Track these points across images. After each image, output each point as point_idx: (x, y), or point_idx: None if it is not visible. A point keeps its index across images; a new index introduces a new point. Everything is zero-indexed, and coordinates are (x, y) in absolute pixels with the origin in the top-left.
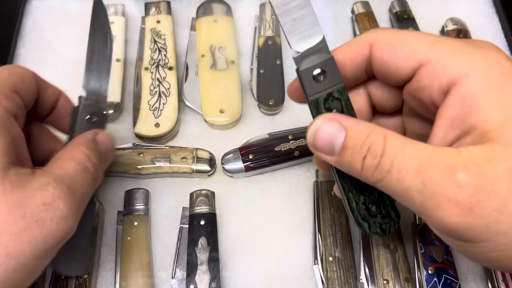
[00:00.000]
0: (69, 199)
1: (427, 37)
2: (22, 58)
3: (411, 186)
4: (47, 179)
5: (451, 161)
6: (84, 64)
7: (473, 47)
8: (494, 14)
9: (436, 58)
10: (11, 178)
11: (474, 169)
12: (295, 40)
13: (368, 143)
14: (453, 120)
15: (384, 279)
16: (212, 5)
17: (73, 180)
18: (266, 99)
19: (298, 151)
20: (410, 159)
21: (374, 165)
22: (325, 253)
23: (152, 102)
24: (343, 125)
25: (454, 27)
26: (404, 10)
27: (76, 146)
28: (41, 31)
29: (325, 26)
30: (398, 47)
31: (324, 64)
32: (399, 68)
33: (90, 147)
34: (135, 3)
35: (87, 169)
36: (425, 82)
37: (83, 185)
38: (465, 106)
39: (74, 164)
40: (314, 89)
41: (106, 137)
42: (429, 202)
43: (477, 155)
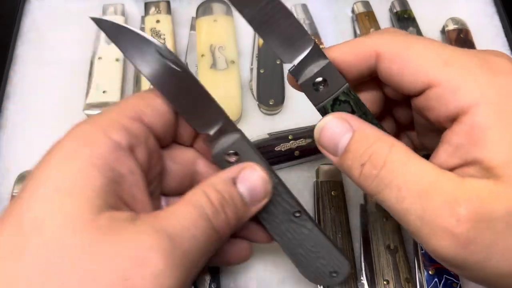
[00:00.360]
0: (168, 252)
1: (440, 52)
2: (21, 58)
3: (410, 209)
4: (144, 227)
5: (455, 191)
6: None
7: (487, 69)
8: (495, 14)
9: (446, 80)
10: (101, 224)
11: (476, 205)
12: (286, 55)
13: (371, 151)
14: (458, 148)
15: (384, 279)
16: (212, 5)
17: (181, 229)
18: (266, 99)
19: (298, 151)
20: (413, 180)
21: (372, 175)
22: None
23: None
24: (352, 126)
25: (455, 27)
26: (404, 10)
27: (202, 186)
28: (41, 30)
29: (325, 26)
30: (407, 62)
31: (323, 71)
32: (407, 85)
33: (219, 188)
34: (134, 2)
35: (205, 216)
36: (433, 103)
37: (194, 236)
38: (472, 137)
39: (189, 209)
40: (318, 98)
41: (256, 175)
42: (427, 229)
43: (480, 190)
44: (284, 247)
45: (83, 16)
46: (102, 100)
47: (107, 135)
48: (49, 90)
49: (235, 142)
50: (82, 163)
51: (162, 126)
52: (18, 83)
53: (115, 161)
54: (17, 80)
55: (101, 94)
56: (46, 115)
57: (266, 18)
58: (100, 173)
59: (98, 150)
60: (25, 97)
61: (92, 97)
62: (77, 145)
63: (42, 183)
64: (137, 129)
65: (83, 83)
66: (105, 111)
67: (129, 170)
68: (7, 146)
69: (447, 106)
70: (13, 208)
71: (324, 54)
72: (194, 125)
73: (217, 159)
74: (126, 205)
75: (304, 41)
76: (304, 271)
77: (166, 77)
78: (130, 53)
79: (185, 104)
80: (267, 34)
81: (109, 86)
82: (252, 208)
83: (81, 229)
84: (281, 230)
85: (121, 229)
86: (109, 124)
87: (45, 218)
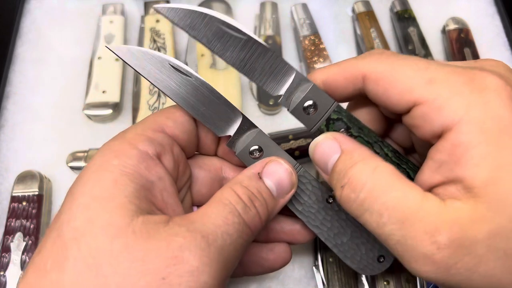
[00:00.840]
0: (201, 250)
1: (424, 71)
2: (21, 58)
3: (391, 234)
4: (179, 228)
5: (435, 218)
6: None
7: (472, 87)
8: (495, 13)
9: (431, 98)
10: (136, 228)
11: (456, 231)
12: (272, 87)
13: (350, 173)
14: (441, 165)
15: (385, 280)
16: (212, 4)
17: (213, 227)
18: (266, 99)
19: (299, 151)
20: (393, 206)
21: (351, 199)
22: (325, 254)
23: (152, 102)
24: (341, 147)
25: (455, 27)
26: (405, 10)
27: (229, 184)
28: (40, 30)
29: (326, 26)
30: (392, 82)
31: (309, 94)
32: (394, 105)
33: (245, 184)
34: (134, 2)
35: (235, 211)
36: (418, 121)
37: (227, 233)
38: (454, 155)
39: (220, 208)
40: (311, 121)
41: (280, 167)
42: (407, 254)
43: (461, 215)
44: (326, 239)
45: (83, 15)
46: (101, 100)
47: (134, 146)
48: (48, 90)
49: (256, 137)
50: (114, 173)
51: (184, 135)
52: (17, 83)
53: (144, 169)
54: (16, 80)
55: (100, 94)
56: (45, 115)
57: (246, 58)
58: (131, 181)
59: (128, 161)
60: (24, 97)
61: (91, 97)
62: (108, 158)
63: (80, 195)
64: (162, 139)
65: (83, 83)
66: (129, 128)
67: (157, 176)
68: (7, 146)
69: (432, 123)
70: (55, 221)
71: (307, 78)
72: (214, 129)
73: (242, 157)
74: (158, 209)
75: (286, 71)
76: (351, 262)
77: (182, 89)
78: (147, 72)
79: (203, 111)
80: (250, 72)
81: (109, 86)
82: (281, 200)
83: (118, 235)
84: (319, 220)
85: (155, 232)
86: (135, 137)
87: (84, 228)
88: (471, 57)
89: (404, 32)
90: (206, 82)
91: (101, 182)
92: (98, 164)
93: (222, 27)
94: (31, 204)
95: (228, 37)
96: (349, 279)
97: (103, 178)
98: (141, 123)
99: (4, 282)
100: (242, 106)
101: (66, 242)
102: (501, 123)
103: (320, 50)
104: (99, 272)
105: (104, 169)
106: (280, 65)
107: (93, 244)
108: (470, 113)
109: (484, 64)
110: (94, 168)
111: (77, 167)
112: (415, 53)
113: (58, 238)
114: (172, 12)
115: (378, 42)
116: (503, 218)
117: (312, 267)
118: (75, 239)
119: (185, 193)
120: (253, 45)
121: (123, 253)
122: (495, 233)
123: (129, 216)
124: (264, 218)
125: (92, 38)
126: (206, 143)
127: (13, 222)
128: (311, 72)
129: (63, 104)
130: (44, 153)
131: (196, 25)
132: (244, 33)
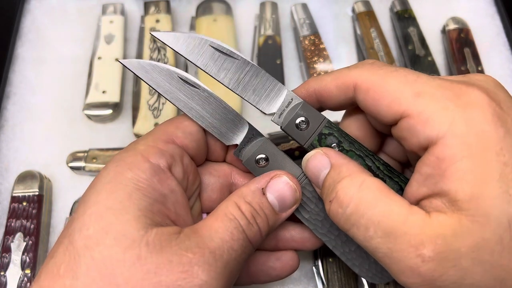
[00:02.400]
0: (210, 265)
1: (413, 83)
2: (21, 58)
3: (377, 247)
4: (189, 243)
5: (420, 232)
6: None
7: (458, 102)
8: (496, 13)
9: (417, 112)
10: (149, 241)
11: (441, 245)
12: (265, 106)
13: (338, 188)
14: (427, 178)
15: None
16: (212, 4)
17: (220, 242)
18: None
19: (299, 151)
20: (379, 221)
21: (338, 213)
22: (325, 254)
23: (152, 102)
24: (331, 161)
25: (455, 27)
26: (405, 9)
27: (233, 198)
28: (40, 30)
29: (326, 25)
30: (381, 93)
31: (301, 111)
32: (383, 115)
33: (248, 200)
34: (134, 2)
35: (239, 227)
36: (405, 134)
37: (232, 248)
38: (439, 169)
39: (225, 223)
40: (303, 136)
41: (284, 183)
42: (394, 267)
43: (445, 228)
44: (333, 247)
45: (83, 15)
46: (101, 100)
47: (147, 159)
48: (48, 90)
49: (262, 145)
50: (128, 187)
51: (194, 144)
52: (17, 83)
53: (156, 183)
54: (16, 80)
55: (100, 94)
56: (45, 115)
57: (240, 78)
58: (145, 195)
59: (141, 174)
60: (24, 97)
61: (91, 97)
62: (122, 170)
63: (93, 204)
64: (172, 150)
65: (83, 83)
66: (140, 139)
67: (169, 189)
68: (7, 146)
69: (418, 136)
70: (67, 228)
71: (297, 97)
72: (222, 138)
73: (248, 166)
74: (171, 221)
75: (277, 90)
76: (360, 270)
77: (190, 100)
78: (157, 84)
79: (211, 121)
80: (244, 92)
81: (109, 86)
82: (283, 215)
83: (131, 246)
84: (326, 228)
85: (167, 245)
86: (147, 149)
87: (97, 237)
88: (471, 57)
89: (404, 32)
90: (213, 93)
91: (114, 194)
92: (112, 176)
93: (216, 50)
94: (31, 204)
95: (222, 60)
96: (349, 279)
97: (117, 190)
98: (152, 133)
99: (4, 282)
100: (242, 107)
101: (78, 249)
102: (485, 138)
103: (320, 50)
104: (112, 281)
105: (118, 182)
106: (272, 84)
107: (107, 254)
108: (455, 128)
109: (473, 78)
110: (108, 179)
111: (77, 167)
112: (415, 53)
113: (70, 245)
114: (169, 38)
115: (378, 42)
116: (487, 231)
117: (312, 267)
118: (87, 247)
119: (195, 201)
120: (246, 67)
121: (135, 264)
122: (479, 246)
123: (143, 228)
124: (265, 233)
125: (92, 38)
126: (215, 150)
127: (14, 222)
128: (305, 82)
129: (63, 104)
130: (44, 153)
131: (192, 50)
132: (237, 56)
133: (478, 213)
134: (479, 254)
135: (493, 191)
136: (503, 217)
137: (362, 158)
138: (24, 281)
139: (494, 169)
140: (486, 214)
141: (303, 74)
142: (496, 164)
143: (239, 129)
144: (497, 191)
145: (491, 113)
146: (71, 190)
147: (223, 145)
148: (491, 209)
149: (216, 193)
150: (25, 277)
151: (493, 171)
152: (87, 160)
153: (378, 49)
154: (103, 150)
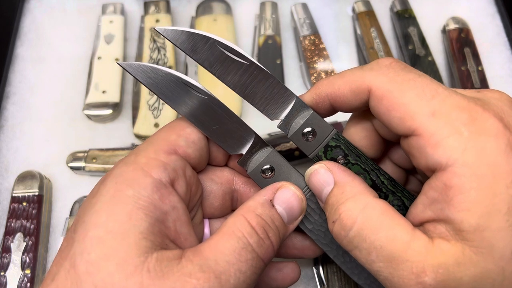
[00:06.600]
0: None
1: (429, 100)
2: (20, 57)
3: (379, 271)
4: (192, 267)
5: (422, 260)
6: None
7: (472, 129)
8: (496, 13)
9: (430, 133)
10: (150, 267)
11: (442, 273)
12: (271, 112)
13: (341, 210)
14: (433, 202)
15: None
16: (212, 4)
17: (226, 265)
18: None
19: (299, 151)
20: (382, 246)
21: (341, 235)
22: (325, 254)
23: (152, 102)
24: (334, 178)
25: (456, 26)
26: (405, 9)
27: (241, 212)
28: (40, 30)
29: (326, 25)
30: (395, 105)
31: (309, 121)
32: (393, 127)
33: (259, 212)
34: (134, 2)
35: (248, 247)
36: (414, 152)
37: (240, 270)
38: (446, 196)
39: (232, 242)
40: (309, 147)
41: (291, 194)
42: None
43: (448, 256)
44: (334, 257)
45: (83, 15)
46: (101, 100)
47: (148, 174)
48: (48, 90)
49: (268, 156)
50: (128, 206)
51: (196, 154)
52: (17, 83)
53: (158, 200)
54: (16, 80)
55: (100, 94)
56: (45, 115)
57: (247, 82)
58: (146, 215)
59: (142, 192)
60: (24, 97)
61: (91, 97)
62: (122, 187)
63: (93, 226)
64: (175, 162)
65: (83, 83)
66: (140, 149)
67: (171, 206)
68: (7, 146)
69: (427, 158)
70: (68, 250)
71: (307, 105)
72: (226, 147)
73: (253, 176)
74: (171, 241)
75: (286, 97)
76: (358, 278)
77: (194, 106)
78: (159, 89)
79: (215, 129)
80: (251, 96)
81: (109, 86)
82: (290, 226)
83: (132, 273)
84: (328, 238)
85: (169, 271)
86: (148, 163)
87: (99, 262)
88: (471, 56)
89: (404, 32)
90: (218, 100)
91: (115, 215)
92: (112, 194)
93: (224, 51)
94: (31, 205)
95: (230, 62)
96: (349, 279)
97: (117, 210)
98: (153, 142)
99: (4, 282)
100: (242, 107)
101: (80, 275)
102: (496, 170)
103: (320, 50)
104: None
105: (118, 201)
106: (281, 91)
107: (109, 281)
108: (466, 156)
109: (488, 96)
110: (107, 198)
111: (77, 167)
112: (415, 53)
113: (72, 269)
114: (174, 34)
115: (378, 41)
116: (489, 262)
117: (312, 267)
118: (89, 274)
119: (197, 210)
120: (254, 70)
121: None
122: (481, 276)
123: (144, 253)
124: (277, 247)
125: (92, 38)
126: (218, 156)
127: (14, 223)
128: (315, 85)
129: (63, 104)
130: (44, 153)
131: (198, 49)
132: (246, 58)
133: (482, 244)
134: (480, 284)
135: (499, 224)
136: (507, 249)
137: (367, 172)
138: (24, 281)
139: (502, 202)
140: (490, 246)
141: (303, 74)
142: (505, 197)
143: (245, 138)
144: (503, 224)
145: (504, 143)
146: (71, 190)
147: (225, 151)
148: (496, 241)
149: (218, 200)
150: (25, 277)
151: (501, 204)
152: (87, 160)
153: (378, 49)
154: (103, 150)
